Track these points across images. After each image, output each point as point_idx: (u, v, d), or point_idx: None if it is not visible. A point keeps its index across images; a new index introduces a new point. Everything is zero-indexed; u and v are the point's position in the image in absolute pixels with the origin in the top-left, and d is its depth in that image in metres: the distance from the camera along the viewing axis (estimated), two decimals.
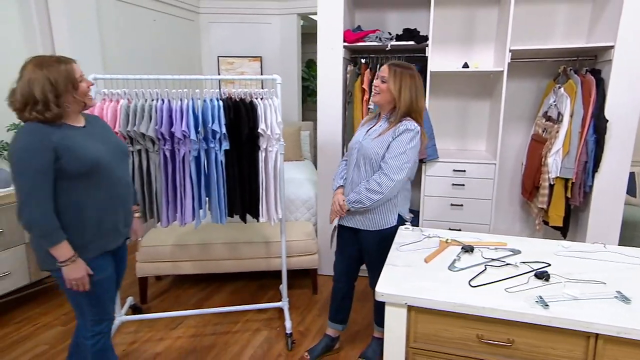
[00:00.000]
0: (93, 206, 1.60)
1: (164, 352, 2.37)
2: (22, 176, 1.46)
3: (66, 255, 1.52)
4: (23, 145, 1.46)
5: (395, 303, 1.38)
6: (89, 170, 1.56)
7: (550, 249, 1.73)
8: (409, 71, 1.94)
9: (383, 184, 1.89)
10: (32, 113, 1.48)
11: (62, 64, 1.53)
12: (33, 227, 1.49)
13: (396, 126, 1.92)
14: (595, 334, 1.20)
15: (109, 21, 3.73)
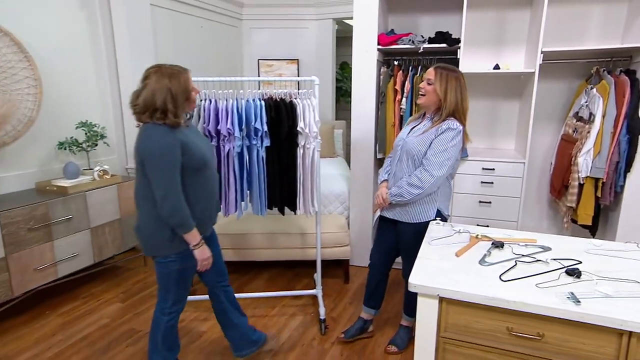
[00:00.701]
0: (200, 197, 1.72)
1: (209, 331, 2.44)
2: (162, 172, 1.56)
3: (197, 239, 1.68)
4: (161, 143, 1.56)
5: (428, 294, 1.36)
6: (201, 166, 1.68)
7: (581, 247, 1.66)
8: (455, 73, 1.93)
9: (424, 179, 1.89)
10: (151, 118, 1.58)
11: (182, 75, 1.62)
12: (175, 216, 1.60)
13: (439, 125, 1.91)
14: (628, 332, 1.15)
15: (163, 29, 3.85)
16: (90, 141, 2.99)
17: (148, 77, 1.61)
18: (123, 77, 3.42)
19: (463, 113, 1.95)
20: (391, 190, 1.99)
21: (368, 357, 2.21)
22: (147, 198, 1.64)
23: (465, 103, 1.94)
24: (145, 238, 1.71)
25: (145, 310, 2.67)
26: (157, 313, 1.84)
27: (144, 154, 1.58)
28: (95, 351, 2.25)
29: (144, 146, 1.57)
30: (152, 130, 1.57)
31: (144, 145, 1.57)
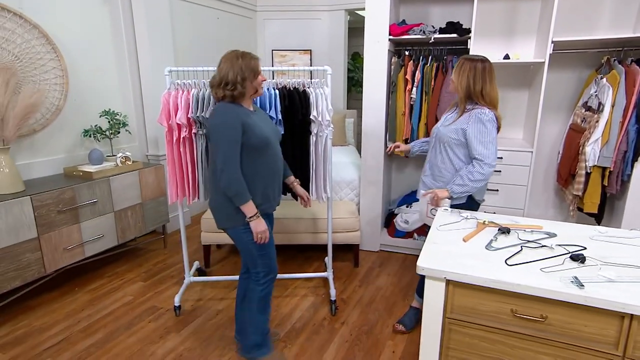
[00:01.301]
0: (261, 175, 1.81)
1: (225, 310, 2.50)
2: (222, 145, 1.69)
3: (253, 212, 1.76)
4: (223, 121, 1.71)
5: (435, 277, 1.37)
6: (261, 145, 1.78)
7: (586, 234, 1.65)
8: (472, 62, 1.94)
9: (485, 171, 1.91)
10: (224, 91, 1.73)
11: (253, 59, 1.77)
12: (232, 187, 1.70)
13: (469, 114, 1.95)
14: (630, 315, 1.15)
15: (180, 20, 3.86)
16: (113, 129, 3.04)
17: (226, 58, 1.77)
18: (143, 68, 3.45)
19: (483, 98, 1.94)
20: (453, 189, 1.94)
21: (376, 337, 2.24)
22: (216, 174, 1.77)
23: (480, 87, 1.92)
24: (217, 211, 1.84)
25: (165, 289, 2.75)
26: (251, 284, 1.95)
27: (210, 129, 1.73)
28: (120, 326, 2.33)
29: (211, 122, 1.73)
30: (220, 109, 1.74)
31: (211, 122, 1.73)
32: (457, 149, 2.01)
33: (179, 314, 2.43)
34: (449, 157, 2.04)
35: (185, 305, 2.54)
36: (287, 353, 2.10)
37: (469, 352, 1.41)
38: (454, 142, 1.99)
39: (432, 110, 2.97)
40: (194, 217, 4.15)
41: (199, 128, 2.26)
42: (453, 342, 1.43)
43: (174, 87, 2.29)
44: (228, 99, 1.75)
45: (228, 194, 1.73)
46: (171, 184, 2.31)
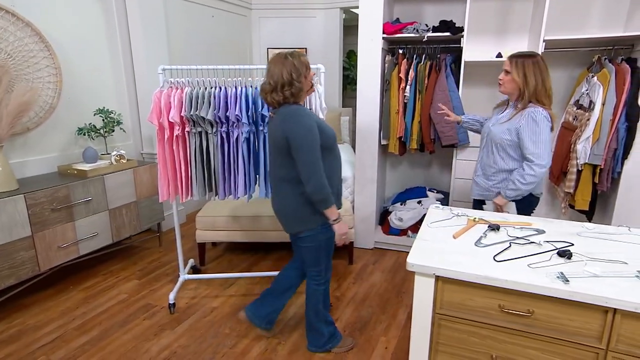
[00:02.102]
0: (332, 175, 1.81)
1: (219, 307, 2.52)
2: (310, 151, 1.66)
3: (336, 215, 1.77)
4: (308, 125, 1.67)
5: (425, 273, 1.39)
6: (331, 145, 1.79)
7: (574, 230, 1.68)
8: (530, 58, 1.91)
9: (537, 172, 1.90)
10: (282, 93, 1.70)
11: (302, 55, 1.75)
12: (319, 192, 1.69)
13: (522, 113, 1.92)
14: (613, 309, 1.17)
15: (175, 18, 3.85)
16: (107, 127, 3.03)
17: (270, 62, 1.74)
18: (137, 66, 3.44)
19: (546, 94, 1.93)
20: (507, 193, 1.97)
21: (369, 333, 2.26)
22: (288, 179, 1.77)
23: (546, 83, 1.91)
24: (289, 216, 1.83)
25: (160, 287, 2.76)
26: (313, 286, 1.98)
27: (290, 134, 1.67)
28: (115, 323, 2.33)
29: (290, 128, 1.67)
30: (293, 112, 1.70)
31: (290, 127, 1.67)
32: (510, 150, 1.99)
33: (174, 311, 2.45)
34: (501, 157, 2.03)
35: (179, 302, 2.55)
36: (280, 350, 2.12)
37: (459, 347, 1.43)
38: (507, 144, 1.98)
39: (426, 109, 2.99)
40: (189, 215, 4.15)
41: (192, 126, 2.26)
42: (443, 337, 1.45)
43: (167, 85, 2.29)
44: (289, 99, 1.71)
45: (314, 199, 1.71)
46: (162, 182, 2.32)
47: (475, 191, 2.20)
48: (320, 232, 1.83)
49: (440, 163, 3.63)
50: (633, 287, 1.20)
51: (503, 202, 2.01)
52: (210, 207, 3.09)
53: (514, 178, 1.95)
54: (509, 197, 1.98)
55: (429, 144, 3.07)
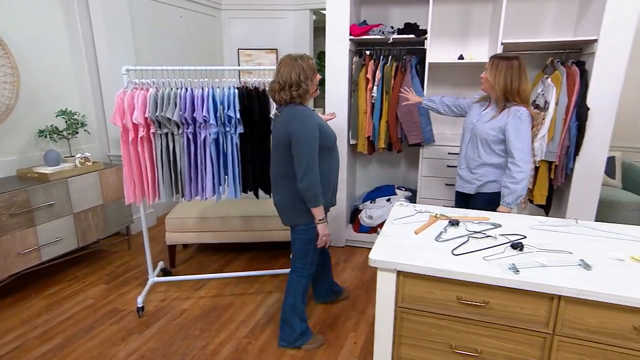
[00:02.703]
0: (329, 175, 1.92)
1: (190, 309, 2.48)
2: (306, 150, 1.76)
3: (322, 215, 1.87)
4: (310, 126, 1.77)
5: (386, 268, 1.42)
6: (331, 146, 1.89)
7: (528, 224, 1.76)
8: (506, 61, 1.98)
9: (524, 168, 1.97)
10: (290, 92, 1.78)
11: (310, 58, 1.84)
12: (311, 189, 1.78)
13: (507, 111, 2.00)
14: (558, 296, 1.24)
15: (141, 18, 3.76)
16: (70, 129, 2.93)
17: (280, 63, 1.83)
18: (102, 66, 3.34)
19: (519, 95, 1.99)
20: (506, 200, 2.01)
21: (339, 329, 2.29)
22: (288, 175, 1.86)
23: (514, 84, 1.97)
24: (287, 210, 1.94)
25: (129, 290, 2.69)
26: (295, 277, 2.06)
27: (293, 133, 1.77)
28: (80, 330, 2.26)
29: (292, 127, 1.77)
30: (299, 113, 1.79)
31: (292, 127, 1.77)
32: (494, 145, 2.07)
33: (142, 315, 2.39)
34: (485, 151, 2.11)
35: (148, 306, 2.50)
36: (250, 349, 2.12)
37: (420, 339, 1.48)
38: (492, 140, 2.05)
39: (392, 109, 3.05)
40: (160, 218, 4.07)
41: (157, 128, 2.22)
42: (405, 329, 1.49)
43: (131, 86, 2.24)
44: (295, 99, 1.80)
45: (304, 195, 1.81)
46: (128, 184, 2.27)
47: (459, 183, 2.28)
48: (314, 228, 1.92)
49: (409, 162, 3.71)
50: (576, 274, 1.27)
51: (506, 210, 2.03)
52: (179, 208, 3.04)
53: (506, 183, 2.01)
54: (510, 204, 2.02)
55: (396, 143, 3.13)
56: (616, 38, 2.48)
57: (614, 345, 1.22)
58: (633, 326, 1.18)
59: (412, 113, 2.97)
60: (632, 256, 1.38)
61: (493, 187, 2.13)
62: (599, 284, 1.21)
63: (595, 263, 1.35)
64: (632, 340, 1.20)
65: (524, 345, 1.34)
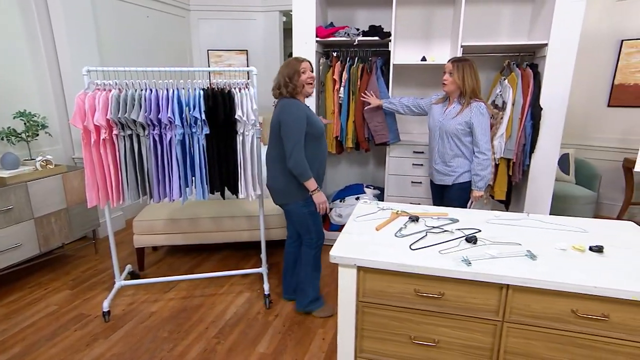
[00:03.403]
0: (317, 159, 2.17)
1: (158, 311, 2.44)
2: (293, 134, 2.03)
3: (314, 186, 2.12)
4: (294, 113, 2.05)
5: (347, 264, 1.45)
6: (318, 135, 2.14)
7: (484, 218, 1.83)
8: (467, 62, 2.26)
9: (489, 156, 2.29)
10: (282, 90, 2.11)
11: (297, 62, 2.12)
12: (298, 166, 2.04)
13: (470, 107, 2.26)
14: (506, 285, 1.30)
15: (105, 17, 3.65)
16: (30, 131, 2.81)
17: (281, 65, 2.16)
18: (64, 67, 3.22)
19: (479, 91, 2.29)
20: (478, 185, 2.33)
21: (308, 326, 2.31)
22: (278, 158, 2.14)
23: (479, 83, 2.28)
24: (278, 189, 2.19)
25: (95, 295, 2.61)
26: (305, 249, 2.31)
27: (283, 120, 2.06)
28: (41, 337, 2.18)
29: (283, 115, 2.06)
30: (288, 104, 2.09)
31: (283, 115, 2.06)
32: (463, 137, 2.31)
33: (108, 319, 2.33)
34: (456, 144, 2.34)
35: (115, 310, 2.44)
36: (219, 349, 2.10)
37: (381, 332, 1.51)
38: (461, 132, 2.29)
39: (359, 109, 3.09)
40: (129, 221, 3.96)
41: (121, 129, 2.17)
42: (367, 323, 1.52)
43: (93, 87, 2.18)
44: (288, 95, 2.11)
45: (294, 173, 2.07)
46: (90, 187, 2.20)
47: (437, 177, 2.48)
48: (303, 206, 2.18)
49: (377, 161, 3.77)
50: (522, 264, 1.34)
51: (480, 193, 2.36)
52: (148, 211, 2.98)
53: (476, 171, 2.31)
54: (482, 187, 2.34)
55: (363, 143, 3.18)
56: (564, 42, 2.61)
57: (556, 329, 1.29)
58: (571, 310, 1.26)
59: (378, 113, 3.02)
60: (574, 246, 1.47)
61: (467, 177, 2.38)
62: (541, 272, 1.28)
63: (541, 253, 1.42)
64: (571, 323, 1.27)
65: (478, 333, 1.39)
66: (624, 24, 3.78)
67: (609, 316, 1.23)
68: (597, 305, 1.24)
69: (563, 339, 1.29)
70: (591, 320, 1.25)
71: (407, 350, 1.49)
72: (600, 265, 1.33)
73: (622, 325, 1.23)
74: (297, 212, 2.20)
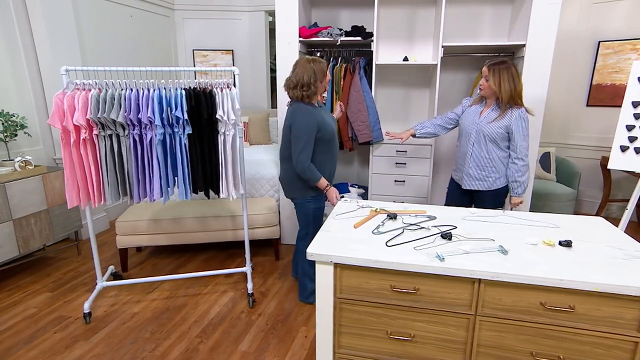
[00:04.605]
0: (329, 159, 2.28)
1: (141, 312, 2.43)
2: (301, 141, 2.12)
3: (324, 185, 2.22)
4: (306, 122, 2.12)
5: (324, 261, 1.47)
6: (330, 138, 2.23)
7: (461, 215, 1.87)
8: (504, 65, 2.16)
9: (527, 163, 2.25)
10: (301, 91, 2.12)
11: (321, 62, 2.16)
12: (305, 170, 2.15)
13: (510, 113, 2.20)
14: (478, 279, 1.33)
15: (87, 17, 3.61)
16: (8, 131, 2.77)
17: (297, 64, 2.17)
18: (44, 66, 3.18)
19: (519, 96, 2.20)
20: (517, 191, 2.28)
21: (291, 324, 2.32)
22: (288, 158, 2.25)
23: (518, 87, 2.17)
24: (287, 185, 2.33)
25: (76, 297, 2.59)
26: (302, 243, 2.44)
27: (293, 125, 2.14)
28: (19, 341, 2.15)
29: (294, 120, 2.14)
30: (301, 110, 2.14)
31: (294, 120, 2.14)
32: (501, 141, 2.25)
33: (89, 321, 2.31)
34: (493, 149, 2.28)
35: (97, 311, 2.42)
36: (202, 348, 2.10)
37: (359, 327, 1.53)
38: (500, 137, 2.23)
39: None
40: (113, 222, 3.93)
41: (101, 129, 2.16)
42: (344, 319, 1.54)
43: (72, 86, 2.16)
44: (304, 98, 2.13)
45: (303, 177, 2.19)
46: (70, 188, 2.18)
47: (467, 182, 2.39)
48: (310, 202, 2.30)
49: (362, 160, 3.81)
50: (494, 259, 1.37)
51: (520, 199, 2.31)
52: (131, 211, 2.96)
53: (514, 177, 2.25)
54: (521, 194, 2.29)
55: (347, 142, 3.20)
56: (541, 43, 2.67)
57: (526, 321, 1.33)
58: (540, 302, 1.30)
59: (361, 113, 3.05)
60: (544, 240, 1.51)
61: (501, 182, 2.33)
62: (512, 266, 1.32)
63: (512, 248, 1.46)
64: (540, 315, 1.31)
65: (452, 327, 1.43)
66: (601, 25, 3.88)
67: (574, 308, 1.28)
68: (564, 298, 1.28)
69: (532, 331, 1.33)
70: (559, 312, 1.30)
71: (384, 345, 1.52)
72: (568, 259, 1.38)
73: (587, 316, 1.28)
74: (301, 207, 2.34)
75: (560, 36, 3.98)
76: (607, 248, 1.48)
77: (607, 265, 1.33)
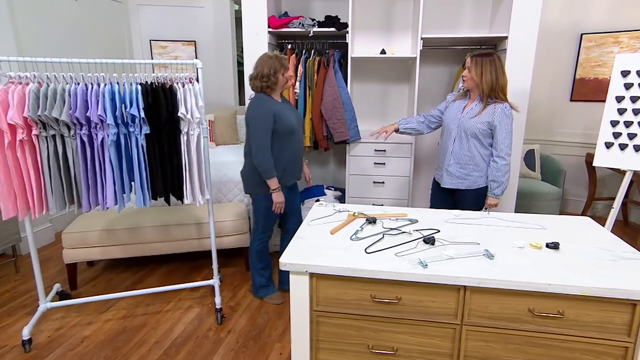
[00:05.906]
0: (286, 154, 2.39)
1: (92, 335, 2.32)
2: (258, 132, 2.26)
3: (275, 185, 2.34)
4: (259, 112, 2.26)
5: (298, 271, 1.45)
6: (288, 132, 2.34)
7: (443, 218, 1.89)
8: (488, 57, 2.20)
9: (508, 162, 2.26)
10: (260, 82, 2.29)
11: (283, 57, 2.31)
12: (262, 164, 2.28)
13: (493, 108, 2.23)
14: (463, 286, 1.35)
15: (22, 2, 3.44)
16: None
17: (260, 58, 2.33)
18: None
19: (501, 90, 2.23)
20: (495, 192, 2.30)
21: (264, 341, 2.28)
22: (248, 153, 2.38)
23: (500, 80, 2.21)
24: (246, 179, 2.46)
25: (13, 322, 2.45)
26: (251, 238, 2.60)
27: (248, 119, 2.30)
28: None
29: (249, 112, 2.30)
30: (257, 101, 2.29)
31: (249, 112, 2.30)
32: (483, 138, 2.28)
33: (30, 349, 2.19)
34: (475, 146, 2.30)
35: (38, 337, 2.30)
36: None
37: (338, 342, 1.52)
38: (481, 133, 2.26)
39: (316, 105, 3.11)
40: (59, 234, 3.76)
41: (42, 129, 2.05)
42: (322, 334, 1.52)
43: (5, 79, 2.05)
44: (265, 89, 2.30)
45: (259, 170, 2.30)
46: (5, 196, 2.06)
47: (447, 180, 2.42)
48: (264, 199, 2.43)
49: (338, 160, 3.81)
50: (479, 264, 1.39)
51: (496, 200, 2.35)
52: (80, 221, 2.84)
53: (494, 177, 2.28)
54: (498, 195, 2.32)
55: (321, 141, 3.20)
56: (523, 35, 2.76)
57: (514, 329, 1.35)
58: (528, 309, 1.32)
59: (337, 109, 3.06)
60: (531, 243, 1.55)
61: (483, 182, 2.36)
62: (498, 271, 1.34)
63: (498, 252, 1.49)
64: (528, 322, 1.34)
65: (437, 338, 1.44)
66: (583, 17, 4.06)
67: (564, 313, 1.31)
68: (552, 303, 1.31)
69: (521, 339, 1.36)
70: (547, 319, 1.33)
71: None
72: (556, 262, 1.42)
73: (576, 321, 1.31)
74: (256, 203, 2.48)
75: (543, 29, 4.13)
76: (595, 249, 1.53)
77: (595, 267, 1.38)
